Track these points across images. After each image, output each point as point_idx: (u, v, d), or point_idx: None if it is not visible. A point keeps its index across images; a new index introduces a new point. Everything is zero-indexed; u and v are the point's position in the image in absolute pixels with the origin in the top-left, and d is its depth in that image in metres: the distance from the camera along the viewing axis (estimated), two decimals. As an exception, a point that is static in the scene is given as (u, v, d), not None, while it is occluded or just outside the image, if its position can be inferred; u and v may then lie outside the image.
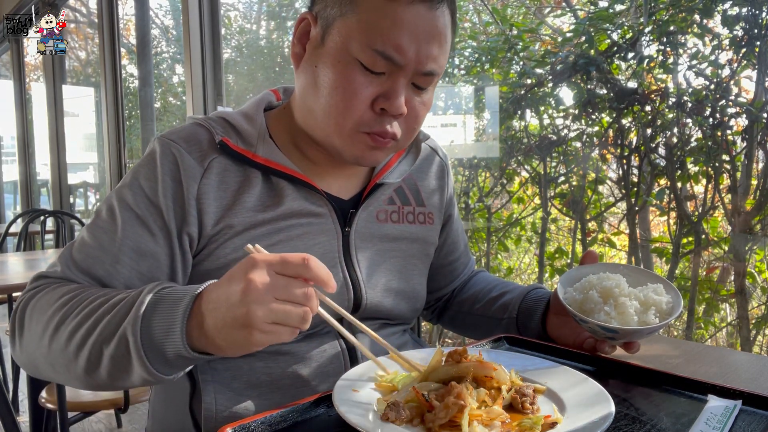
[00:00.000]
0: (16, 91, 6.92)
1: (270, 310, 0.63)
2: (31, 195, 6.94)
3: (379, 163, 0.94)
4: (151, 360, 0.70)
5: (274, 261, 0.65)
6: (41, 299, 0.81)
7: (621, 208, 2.48)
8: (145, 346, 0.70)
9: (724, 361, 0.95)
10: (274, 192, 0.92)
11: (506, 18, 2.84)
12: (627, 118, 2.29)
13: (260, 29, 5.45)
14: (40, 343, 0.79)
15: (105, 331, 0.72)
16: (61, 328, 0.76)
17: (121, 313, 0.72)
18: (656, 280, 0.93)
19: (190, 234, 0.88)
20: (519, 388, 0.70)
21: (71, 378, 0.79)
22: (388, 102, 0.84)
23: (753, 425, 0.66)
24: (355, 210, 0.98)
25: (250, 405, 0.87)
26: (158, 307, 0.71)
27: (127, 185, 0.89)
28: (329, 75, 0.85)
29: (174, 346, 0.69)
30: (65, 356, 0.76)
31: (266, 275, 0.64)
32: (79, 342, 0.74)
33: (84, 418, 2.03)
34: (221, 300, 0.66)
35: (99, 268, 0.84)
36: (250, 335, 0.64)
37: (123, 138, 4.37)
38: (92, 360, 0.74)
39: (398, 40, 0.81)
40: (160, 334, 0.69)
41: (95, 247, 0.85)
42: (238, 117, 0.95)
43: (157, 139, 0.91)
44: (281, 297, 0.64)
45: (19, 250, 3.68)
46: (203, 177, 0.88)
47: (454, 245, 1.18)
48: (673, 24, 2.14)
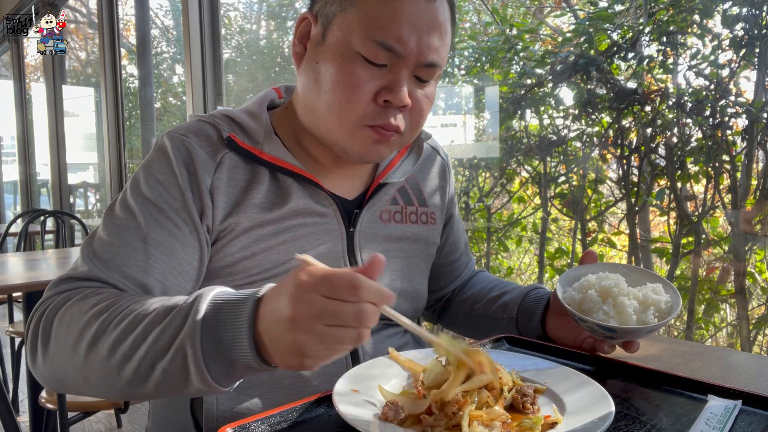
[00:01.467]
0: (16, 91, 6.92)
1: (320, 338, 0.59)
2: (31, 195, 6.95)
3: (383, 159, 0.93)
4: (211, 372, 0.66)
5: (320, 283, 0.59)
6: (72, 306, 0.76)
7: (621, 208, 2.48)
8: (207, 358, 0.65)
9: (724, 361, 0.95)
10: (281, 190, 0.91)
11: (506, 18, 2.85)
12: (627, 118, 2.29)
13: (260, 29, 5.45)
14: (73, 354, 0.73)
15: (158, 344, 0.68)
16: (102, 338, 0.71)
17: (175, 322, 0.67)
18: (655, 280, 0.93)
19: (208, 226, 0.87)
20: (520, 388, 0.70)
21: (108, 391, 0.74)
22: (391, 93, 0.84)
23: (753, 425, 0.66)
24: (360, 210, 0.98)
25: (252, 405, 0.87)
26: (220, 315, 0.66)
27: (142, 181, 0.87)
28: (331, 70, 0.85)
29: (243, 355, 0.64)
30: (105, 368, 0.71)
31: (313, 302, 0.58)
32: (126, 354, 0.69)
33: (84, 418, 2.02)
34: (273, 320, 0.62)
35: (131, 265, 0.81)
36: (302, 361, 0.61)
37: (123, 138, 4.37)
38: (140, 373, 0.69)
39: (399, 31, 0.81)
40: (227, 342, 0.65)
41: (121, 245, 0.82)
42: (242, 114, 0.95)
43: (166, 135, 0.90)
44: (331, 323, 0.58)
45: (19, 250, 3.68)
46: (216, 171, 0.88)
47: (455, 245, 1.18)
48: (673, 24, 2.14)
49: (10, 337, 3.13)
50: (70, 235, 3.81)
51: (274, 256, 0.89)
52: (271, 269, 0.89)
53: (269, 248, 0.89)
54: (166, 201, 0.85)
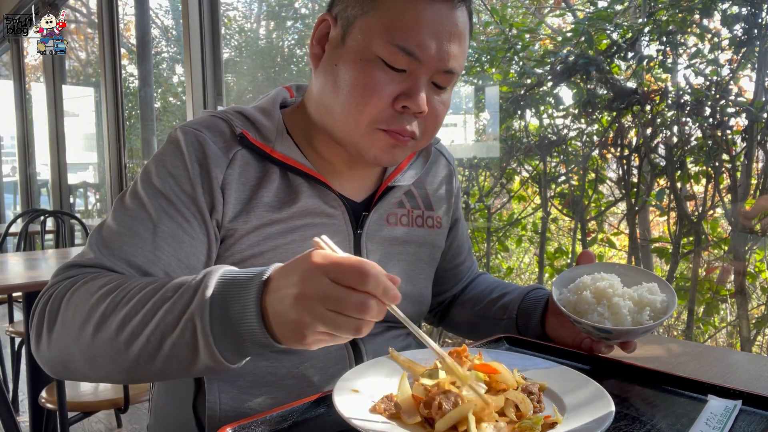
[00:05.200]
0: (16, 91, 6.92)
1: (321, 320, 0.60)
2: (31, 195, 6.94)
3: (397, 162, 0.93)
4: (219, 346, 0.66)
5: (330, 267, 0.60)
6: (79, 289, 0.76)
7: (621, 208, 2.48)
8: (215, 332, 0.66)
9: (724, 361, 0.95)
10: (291, 189, 0.92)
11: (506, 18, 2.84)
12: (627, 118, 2.29)
13: (260, 29, 5.45)
14: (80, 335, 0.73)
15: (167, 319, 0.68)
16: (110, 317, 0.71)
17: (184, 298, 0.68)
18: (651, 279, 0.93)
19: (217, 221, 0.87)
20: (525, 387, 0.70)
21: (114, 371, 0.74)
22: (409, 99, 0.84)
23: (753, 425, 0.66)
24: (367, 212, 0.98)
25: (254, 404, 0.87)
26: (228, 291, 0.67)
27: (153, 173, 0.87)
28: (350, 73, 0.85)
29: (250, 330, 0.65)
30: (113, 346, 0.71)
31: (320, 284, 0.60)
32: (134, 330, 0.70)
33: (84, 418, 2.02)
34: (279, 296, 0.63)
35: (139, 255, 0.82)
36: (303, 339, 0.63)
37: (123, 138, 4.37)
38: (149, 349, 0.70)
39: (420, 37, 0.82)
40: (235, 316, 0.66)
41: (129, 235, 0.83)
42: (254, 112, 0.95)
43: (179, 128, 0.90)
44: (333, 309, 0.60)
45: (19, 250, 3.68)
46: (228, 167, 0.88)
47: (459, 249, 1.19)
48: (672, 24, 2.14)
49: (10, 337, 3.13)
50: (70, 235, 3.81)
51: (281, 255, 0.89)
52: None
53: (277, 247, 0.89)
54: (177, 194, 0.85)
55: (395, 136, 0.87)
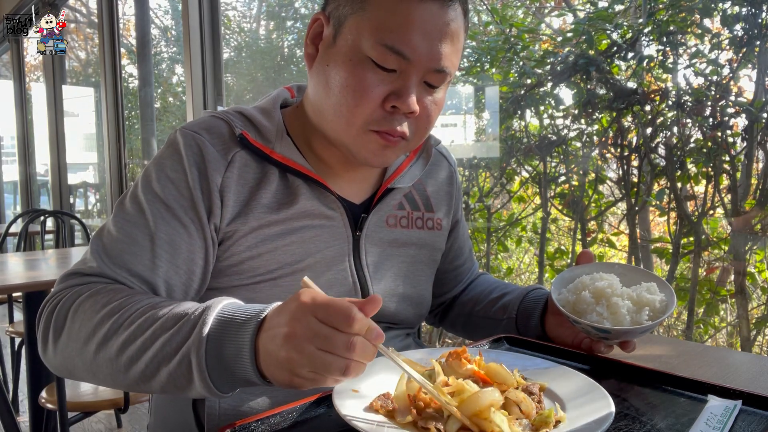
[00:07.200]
0: (16, 91, 6.92)
1: (309, 359, 0.61)
2: (31, 195, 6.94)
3: (389, 163, 0.93)
4: (214, 381, 0.69)
5: (318, 308, 0.62)
6: (84, 302, 0.78)
7: (621, 208, 2.48)
8: (210, 368, 0.68)
9: (724, 361, 0.95)
10: (290, 190, 0.91)
11: (506, 18, 2.84)
12: (627, 118, 2.29)
13: (260, 29, 5.45)
14: (83, 350, 0.76)
15: (165, 349, 0.71)
16: (111, 339, 0.74)
17: (182, 332, 0.70)
18: (650, 279, 0.93)
19: (215, 225, 0.87)
20: (525, 387, 0.70)
21: (114, 385, 0.78)
22: (399, 100, 0.83)
23: (753, 425, 0.66)
24: (366, 214, 0.98)
25: (254, 404, 0.87)
26: (225, 331, 0.69)
27: (153, 177, 0.87)
28: (340, 73, 0.84)
29: (243, 370, 0.67)
30: (113, 366, 0.74)
31: (308, 324, 0.61)
32: (133, 356, 0.73)
33: (84, 418, 2.02)
34: (271, 335, 0.65)
35: (138, 264, 0.83)
36: (291, 379, 0.64)
37: (123, 138, 4.37)
38: (146, 374, 0.72)
39: (410, 37, 0.81)
40: (230, 357, 0.68)
41: (129, 242, 0.84)
42: (255, 112, 0.95)
43: (179, 131, 0.90)
44: (322, 347, 0.61)
45: (19, 250, 3.68)
46: (227, 170, 0.88)
47: (459, 250, 1.18)
48: (672, 24, 2.14)
49: (10, 337, 3.13)
50: (70, 235, 3.80)
51: (280, 256, 0.89)
52: (277, 270, 0.89)
53: (275, 249, 0.89)
54: (176, 199, 0.86)
55: (386, 137, 0.86)
